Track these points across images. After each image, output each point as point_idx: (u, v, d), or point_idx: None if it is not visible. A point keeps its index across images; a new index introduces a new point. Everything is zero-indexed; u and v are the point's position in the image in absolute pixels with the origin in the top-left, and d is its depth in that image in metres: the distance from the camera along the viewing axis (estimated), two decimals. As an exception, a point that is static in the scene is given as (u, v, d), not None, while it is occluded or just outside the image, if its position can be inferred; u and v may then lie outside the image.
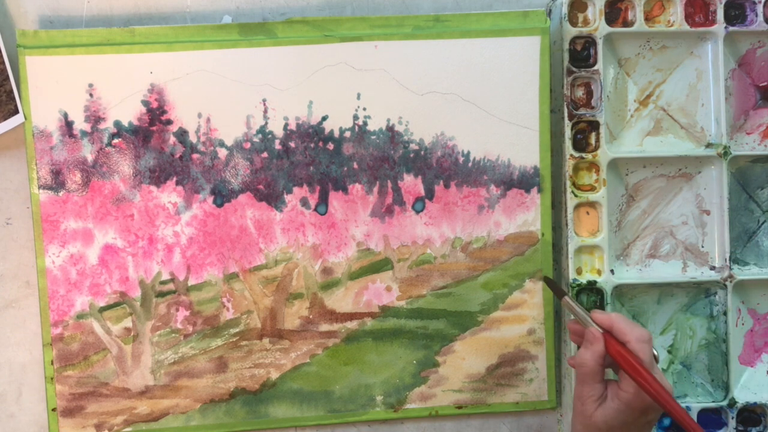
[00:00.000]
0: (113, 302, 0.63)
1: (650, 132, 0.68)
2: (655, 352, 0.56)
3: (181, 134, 0.63)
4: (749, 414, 0.67)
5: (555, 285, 0.64)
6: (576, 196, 0.65)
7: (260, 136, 0.64)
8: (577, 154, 0.65)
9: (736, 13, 0.66)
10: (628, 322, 0.56)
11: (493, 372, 0.66)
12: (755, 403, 0.67)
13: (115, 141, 0.63)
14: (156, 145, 0.63)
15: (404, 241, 0.65)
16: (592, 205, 0.66)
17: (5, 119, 0.61)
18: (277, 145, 0.64)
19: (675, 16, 0.66)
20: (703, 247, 0.68)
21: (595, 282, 0.65)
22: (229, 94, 0.63)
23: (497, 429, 0.68)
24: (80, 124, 0.62)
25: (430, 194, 0.65)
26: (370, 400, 0.66)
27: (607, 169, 0.65)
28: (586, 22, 0.65)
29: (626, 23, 0.66)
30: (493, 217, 0.66)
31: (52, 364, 0.63)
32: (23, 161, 0.63)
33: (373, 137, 0.65)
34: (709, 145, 0.67)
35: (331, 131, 0.64)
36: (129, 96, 0.62)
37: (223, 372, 0.64)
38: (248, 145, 0.64)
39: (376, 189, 0.65)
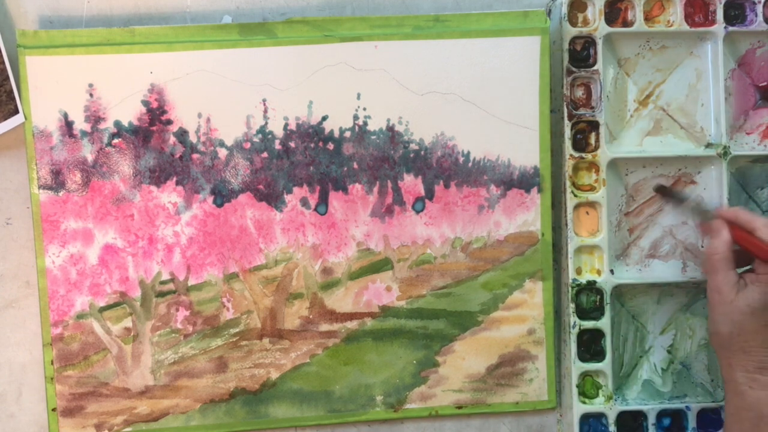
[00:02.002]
0: (113, 302, 0.63)
1: (650, 132, 0.68)
2: None
3: (181, 134, 0.63)
4: (749, 414, 0.67)
5: (672, 193, 0.66)
6: (576, 196, 0.65)
7: (260, 136, 0.64)
8: (576, 154, 0.65)
9: (735, 13, 0.66)
10: (751, 213, 0.58)
11: (493, 372, 0.66)
12: (755, 403, 0.67)
13: (115, 141, 0.63)
14: (156, 145, 0.63)
15: (404, 241, 0.65)
16: (592, 205, 0.66)
17: (5, 119, 0.61)
18: (277, 145, 0.64)
19: (675, 16, 0.66)
20: (702, 247, 0.68)
21: (594, 282, 0.65)
22: (229, 94, 0.63)
23: (497, 429, 0.68)
24: (80, 124, 0.62)
25: (430, 194, 0.65)
26: (370, 400, 0.66)
27: (607, 169, 0.65)
28: (585, 22, 0.65)
29: (626, 23, 0.66)
30: (493, 217, 0.66)
31: (52, 364, 0.63)
32: (23, 161, 0.63)
33: (373, 137, 0.65)
34: (708, 145, 0.67)
35: (331, 131, 0.64)
36: (129, 96, 0.62)
37: (223, 372, 0.64)
38: (248, 145, 0.64)
39: (376, 189, 0.65)
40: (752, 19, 0.66)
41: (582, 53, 0.65)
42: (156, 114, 0.63)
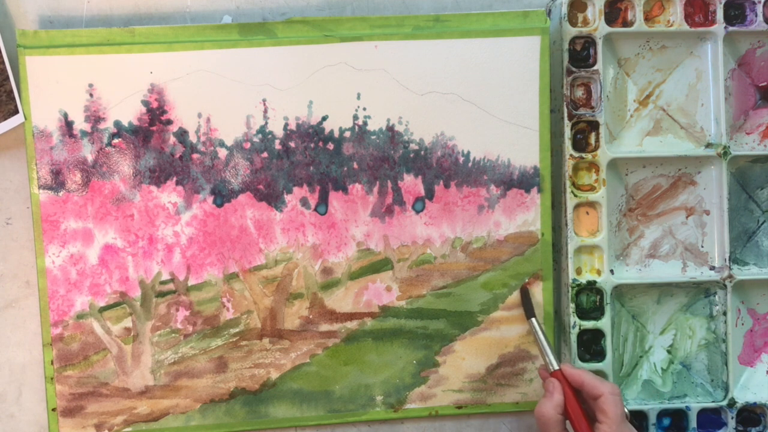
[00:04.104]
0: (113, 302, 0.63)
1: (650, 132, 0.68)
2: (627, 411, 0.58)
3: (181, 134, 0.63)
4: (749, 414, 0.67)
5: (528, 301, 0.65)
6: (576, 196, 0.65)
7: (260, 136, 0.64)
8: (576, 154, 0.65)
9: (735, 13, 0.66)
10: (597, 377, 0.58)
11: (493, 372, 0.66)
12: (755, 403, 0.67)
13: (115, 141, 0.63)
14: (156, 145, 0.63)
15: (404, 241, 0.65)
16: (592, 205, 0.66)
17: (5, 119, 0.61)
18: (277, 145, 0.64)
19: (675, 16, 0.66)
20: (702, 247, 0.68)
21: (594, 282, 0.65)
22: (229, 94, 0.63)
23: (497, 429, 0.68)
24: (80, 124, 0.62)
25: (430, 194, 0.65)
26: (370, 400, 0.66)
27: (607, 169, 0.65)
28: (585, 22, 0.65)
29: (626, 23, 0.66)
30: (493, 217, 0.66)
31: (52, 364, 0.63)
32: (23, 161, 0.63)
33: (373, 137, 0.65)
34: (708, 145, 0.67)
35: (331, 131, 0.64)
36: (129, 96, 0.62)
37: (223, 372, 0.64)
38: (248, 145, 0.64)
39: (376, 189, 0.65)
40: (752, 19, 0.66)
41: (582, 53, 0.65)
42: (156, 114, 0.63)
